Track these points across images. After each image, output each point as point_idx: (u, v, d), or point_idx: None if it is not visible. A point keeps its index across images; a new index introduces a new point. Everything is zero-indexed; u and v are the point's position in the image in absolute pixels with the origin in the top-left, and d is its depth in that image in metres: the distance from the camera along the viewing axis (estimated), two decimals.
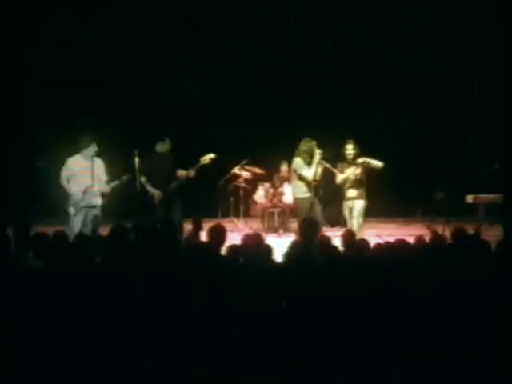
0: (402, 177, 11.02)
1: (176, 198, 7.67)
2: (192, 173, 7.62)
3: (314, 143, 7.68)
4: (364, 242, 4.52)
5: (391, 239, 4.75)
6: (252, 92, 11.34)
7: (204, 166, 7.61)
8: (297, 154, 7.73)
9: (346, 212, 7.78)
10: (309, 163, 7.67)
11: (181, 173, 7.65)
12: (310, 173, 7.64)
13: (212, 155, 7.63)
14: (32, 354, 3.26)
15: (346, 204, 7.75)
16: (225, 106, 11.38)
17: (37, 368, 3.22)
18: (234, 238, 5.63)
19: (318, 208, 7.69)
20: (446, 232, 8.14)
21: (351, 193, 7.71)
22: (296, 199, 7.97)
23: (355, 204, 7.67)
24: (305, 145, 7.68)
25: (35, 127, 10.77)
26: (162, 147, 7.70)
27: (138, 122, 10.87)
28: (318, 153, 7.60)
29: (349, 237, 4.74)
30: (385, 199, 9.99)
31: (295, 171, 7.79)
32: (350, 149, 7.73)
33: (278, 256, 4.23)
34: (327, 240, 4.46)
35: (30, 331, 3.32)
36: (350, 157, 7.70)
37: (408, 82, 11.06)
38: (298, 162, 7.73)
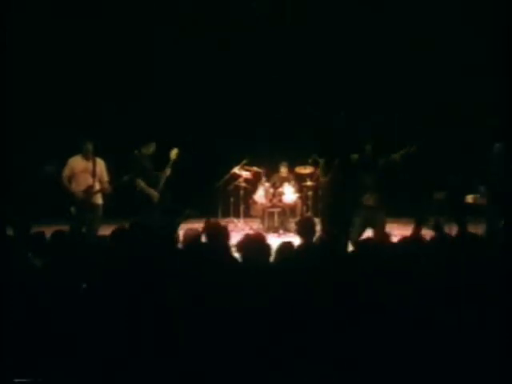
0: (402, 177, 11.00)
1: (166, 197, 7.72)
2: (168, 171, 7.62)
3: None
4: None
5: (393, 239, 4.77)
6: (252, 92, 11.35)
7: (176, 161, 7.62)
8: None
9: (357, 220, 6.82)
10: None
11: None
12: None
13: (175, 150, 7.63)
14: (32, 355, 3.27)
15: (363, 213, 6.83)
16: (225, 105, 11.39)
17: (36, 368, 3.23)
18: (234, 237, 5.62)
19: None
20: (446, 232, 8.14)
21: (369, 200, 6.87)
22: None
23: (376, 214, 6.79)
24: None
25: (35, 127, 10.78)
26: (148, 149, 7.68)
27: (138, 122, 10.87)
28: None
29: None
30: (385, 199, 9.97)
31: None
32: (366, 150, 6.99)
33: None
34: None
35: (30, 331, 3.33)
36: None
37: (408, 81, 11.06)
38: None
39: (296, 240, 4.83)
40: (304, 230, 4.79)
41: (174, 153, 7.63)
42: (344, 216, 6.87)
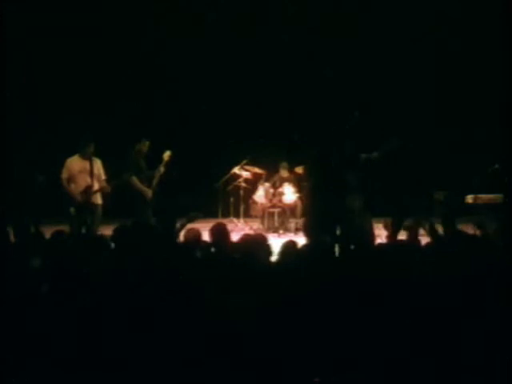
0: (402, 176, 11.02)
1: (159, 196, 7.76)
2: (161, 169, 7.71)
3: None
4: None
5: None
6: (252, 92, 11.35)
7: (168, 163, 7.71)
8: None
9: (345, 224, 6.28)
10: None
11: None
12: None
13: (168, 152, 7.72)
14: (32, 356, 3.26)
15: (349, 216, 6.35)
16: (225, 105, 11.39)
17: (35, 369, 3.22)
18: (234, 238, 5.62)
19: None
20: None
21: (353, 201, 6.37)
22: None
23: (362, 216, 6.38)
24: None
25: (34, 128, 10.78)
26: (143, 147, 7.70)
27: (137, 122, 10.88)
28: None
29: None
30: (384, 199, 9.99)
31: None
32: None
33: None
34: None
35: (29, 331, 3.32)
36: None
37: (408, 81, 11.07)
38: None
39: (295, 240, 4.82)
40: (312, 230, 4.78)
41: (166, 154, 7.73)
42: (332, 221, 6.21)
